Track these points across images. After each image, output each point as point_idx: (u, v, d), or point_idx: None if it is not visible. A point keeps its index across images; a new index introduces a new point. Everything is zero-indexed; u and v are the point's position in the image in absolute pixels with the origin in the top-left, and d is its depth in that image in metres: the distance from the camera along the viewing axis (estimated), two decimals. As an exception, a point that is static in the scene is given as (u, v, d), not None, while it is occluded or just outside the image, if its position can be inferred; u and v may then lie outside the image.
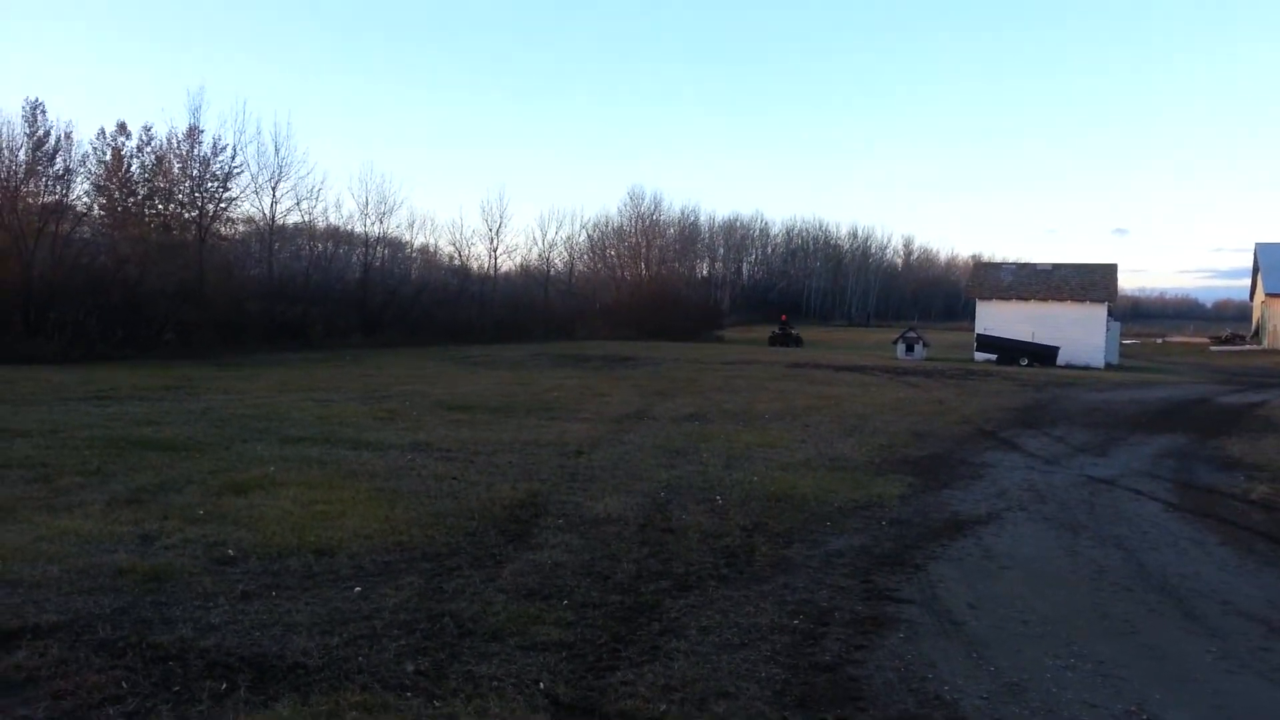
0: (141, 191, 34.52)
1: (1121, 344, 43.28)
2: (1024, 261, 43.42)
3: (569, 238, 66.59)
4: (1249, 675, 4.78)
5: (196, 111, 36.04)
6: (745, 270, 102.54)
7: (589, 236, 70.08)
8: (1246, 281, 68.69)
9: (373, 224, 46.49)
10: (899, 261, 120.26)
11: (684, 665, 4.48)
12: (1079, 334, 36.89)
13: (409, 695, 4.01)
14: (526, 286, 60.41)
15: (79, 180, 32.65)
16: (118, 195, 33.75)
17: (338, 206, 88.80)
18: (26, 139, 30.49)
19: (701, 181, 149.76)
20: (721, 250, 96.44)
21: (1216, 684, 4.64)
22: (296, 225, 43.30)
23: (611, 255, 71.83)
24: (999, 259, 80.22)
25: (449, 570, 5.90)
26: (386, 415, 13.84)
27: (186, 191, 35.33)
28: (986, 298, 39.87)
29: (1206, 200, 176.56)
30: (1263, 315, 55.94)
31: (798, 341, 52.05)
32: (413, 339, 38.63)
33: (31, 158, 30.75)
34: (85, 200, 33.44)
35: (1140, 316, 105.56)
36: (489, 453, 10.65)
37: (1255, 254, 60.75)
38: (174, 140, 34.95)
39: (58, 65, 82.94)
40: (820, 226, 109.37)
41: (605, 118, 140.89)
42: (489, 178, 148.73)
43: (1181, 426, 16.40)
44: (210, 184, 35.43)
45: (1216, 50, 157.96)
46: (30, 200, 30.84)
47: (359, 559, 6.07)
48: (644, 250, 69.84)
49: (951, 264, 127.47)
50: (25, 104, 30.32)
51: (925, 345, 39.65)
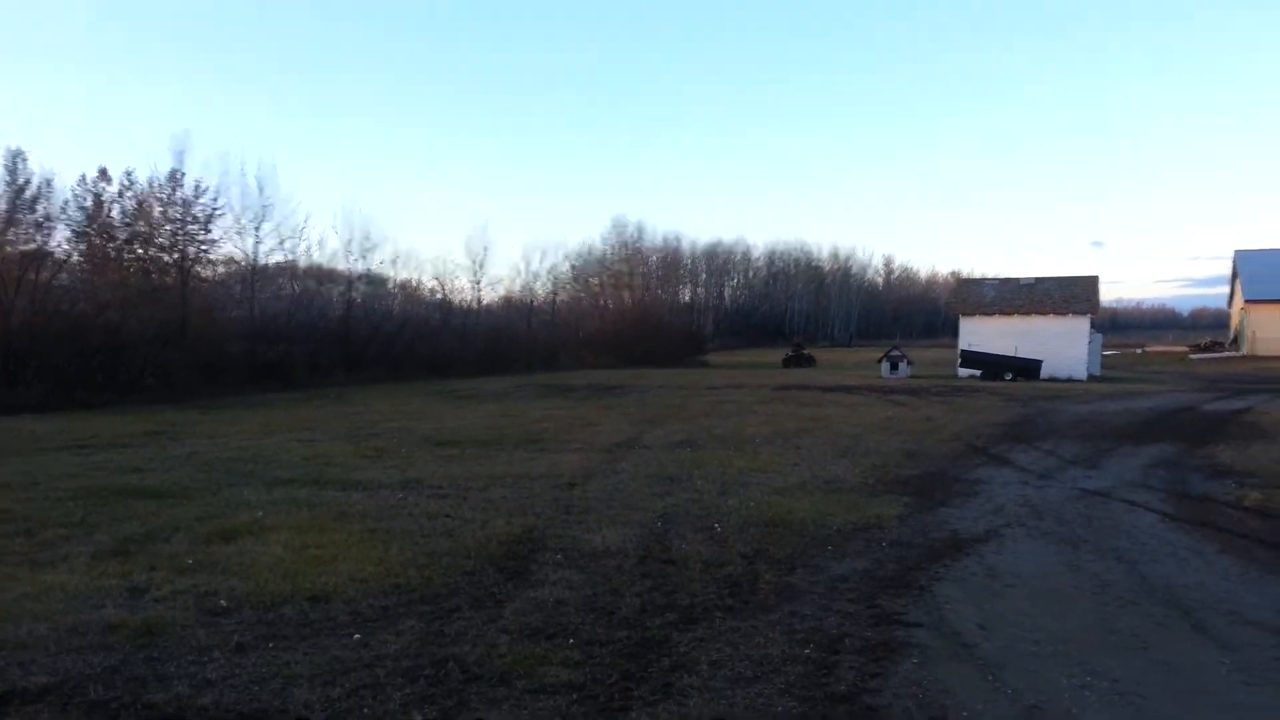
0: (121, 236, 34.24)
1: (1103, 355, 43.57)
2: (1005, 276, 43.61)
3: (552, 268, 66.46)
4: (1269, 688, 4.72)
5: (180, 155, 36.17)
6: (728, 294, 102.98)
7: (572, 266, 70.24)
8: (1223, 289, 69.56)
9: (355, 261, 46.39)
10: (880, 280, 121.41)
11: (699, 702, 4.38)
12: (1062, 347, 37.00)
13: (416, 746, 3.88)
14: (509, 318, 60.33)
15: (59, 227, 32.54)
16: (97, 241, 33.47)
17: (320, 244, 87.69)
18: (7, 187, 30.44)
19: (683, 208, 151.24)
20: (704, 275, 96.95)
21: (1236, 697, 4.58)
22: (278, 265, 43.10)
23: (595, 284, 71.95)
24: (978, 274, 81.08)
25: (449, 612, 5.77)
26: (374, 453, 13.67)
27: (168, 235, 35.05)
28: (969, 314, 39.99)
29: (1182, 210, 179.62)
30: (1241, 322, 56.47)
31: (810, 361, 52.77)
32: (396, 374, 38.31)
33: (12, 206, 30.59)
34: (65, 247, 33.23)
35: (1118, 328, 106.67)
36: (481, 488, 10.51)
37: (1234, 261, 61.47)
38: (155, 184, 34.78)
39: (40, 110, 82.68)
40: (802, 248, 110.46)
41: (588, 148, 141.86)
42: (472, 211, 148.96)
43: (1169, 435, 16.45)
44: (191, 226, 35.18)
45: (1189, 59, 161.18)
46: (9, 249, 30.61)
47: (355, 604, 5.92)
48: (627, 278, 69.99)
49: (932, 281, 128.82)
50: (6, 152, 30.29)
51: (909, 363, 39.76)
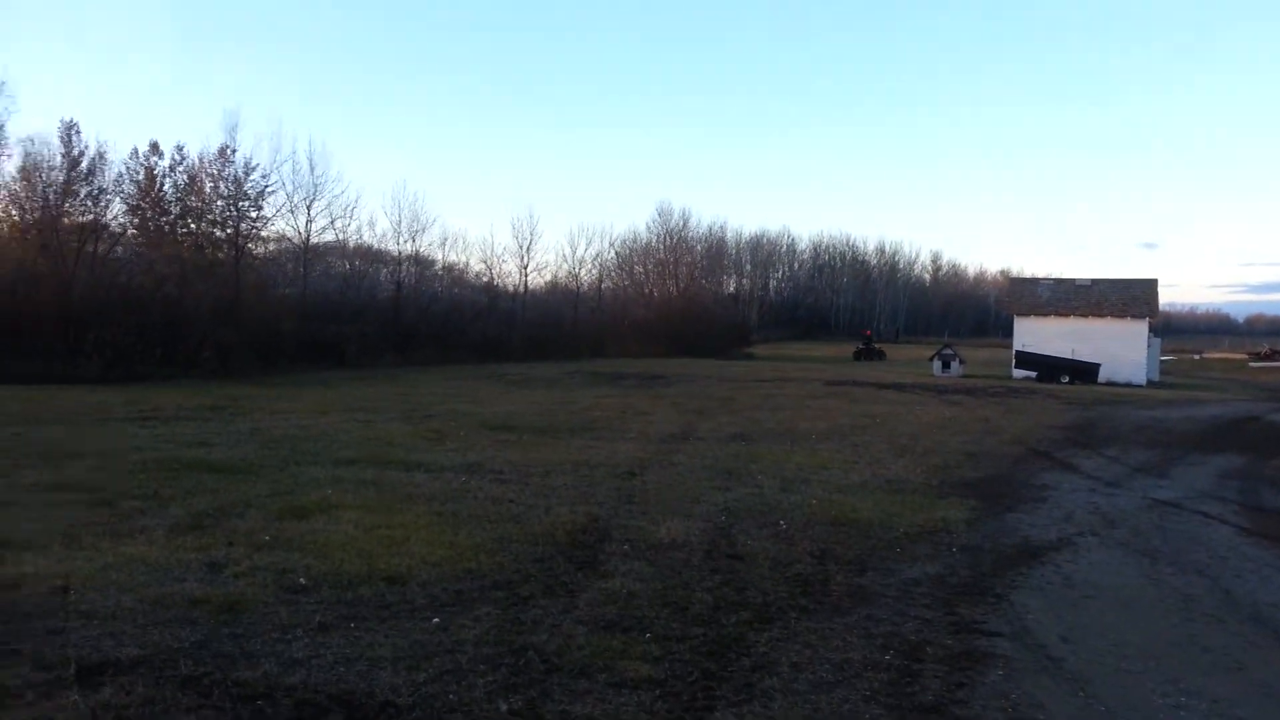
0: (174, 211, 34.57)
1: (1161, 360, 42.53)
2: (1060, 277, 42.74)
3: (598, 255, 66.22)
4: (1376, 718, 4.54)
5: (232, 131, 35.98)
6: (772, 286, 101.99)
7: (617, 254, 70.07)
8: (1278, 296, 67.44)
9: (405, 242, 46.79)
10: (927, 277, 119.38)
11: (783, 705, 4.33)
12: (1120, 350, 36.18)
13: (506, 736, 3.88)
14: (555, 303, 60.41)
15: (115, 200, 32.96)
16: (150, 215, 33.93)
17: (370, 225, 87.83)
18: (63, 159, 30.74)
19: (728, 197, 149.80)
20: (749, 266, 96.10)
21: (1342, 727, 4.41)
22: (329, 244, 43.57)
23: (639, 272, 71.75)
24: (1028, 274, 79.51)
25: (523, 600, 5.78)
26: (433, 436, 13.77)
27: (219, 211, 35.47)
28: (1024, 314, 39.28)
29: (1237, 214, 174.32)
30: (1303, 330, 54.76)
31: (881, 355, 52.25)
32: (445, 357, 38.58)
33: (68, 178, 30.93)
34: (120, 220, 33.72)
35: (1172, 332, 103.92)
36: (541, 474, 10.54)
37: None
38: (206, 159, 34.98)
39: (93, 86, 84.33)
40: (847, 242, 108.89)
41: (634, 136, 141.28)
42: (519, 194, 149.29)
43: (1236, 446, 16.03)
44: (243, 203, 35.57)
45: (1248, 63, 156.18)
46: (67, 220, 31.14)
47: (430, 587, 5.96)
48: (672, 267, 69.70)
49: (980, 279, 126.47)
50: (60, 124, 30.76)
51: (961, 362, 39.16)
